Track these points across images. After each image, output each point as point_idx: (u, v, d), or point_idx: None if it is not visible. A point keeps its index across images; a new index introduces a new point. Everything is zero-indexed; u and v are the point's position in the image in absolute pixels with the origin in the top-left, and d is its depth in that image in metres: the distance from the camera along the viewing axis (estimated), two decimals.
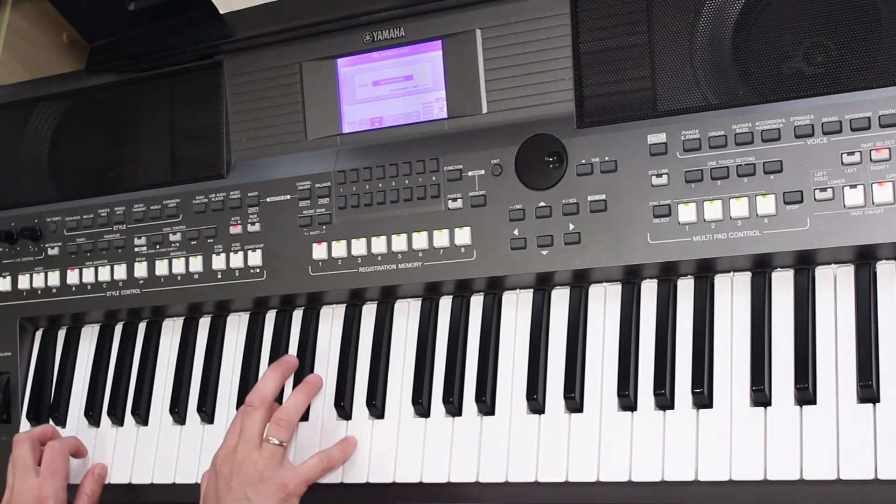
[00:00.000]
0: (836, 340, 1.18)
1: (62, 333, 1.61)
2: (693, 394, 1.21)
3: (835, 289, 1.20)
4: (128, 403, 1.53)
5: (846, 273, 1.20)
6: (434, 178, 1.37)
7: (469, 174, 1.36)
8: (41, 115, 1.63)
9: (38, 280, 1.59)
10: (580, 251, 1.29)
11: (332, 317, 1.44)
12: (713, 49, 1.26)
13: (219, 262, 1.48)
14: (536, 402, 1.28)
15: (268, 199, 1.46)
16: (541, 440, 1.27)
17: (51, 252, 1.59)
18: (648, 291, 1.28)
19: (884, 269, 1.18)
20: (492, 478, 1.28)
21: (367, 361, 1.39)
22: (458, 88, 1.39)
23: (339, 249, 1.41)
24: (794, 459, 1.15)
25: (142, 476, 1.48)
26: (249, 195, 1.47)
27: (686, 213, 1.24)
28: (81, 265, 1.57)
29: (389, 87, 1.43)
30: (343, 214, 1.42)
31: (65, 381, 1.58)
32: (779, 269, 1.23)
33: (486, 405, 1.31)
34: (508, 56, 1.36)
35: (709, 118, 1.24)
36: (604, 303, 1.30)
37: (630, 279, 1.29)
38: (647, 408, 1.23)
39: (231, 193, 1.48)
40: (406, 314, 1.40)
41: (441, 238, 1.35)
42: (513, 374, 1.31)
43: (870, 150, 1.17)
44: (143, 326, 1.56)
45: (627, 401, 1.24)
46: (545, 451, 1.26)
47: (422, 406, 1.34)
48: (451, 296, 1.37)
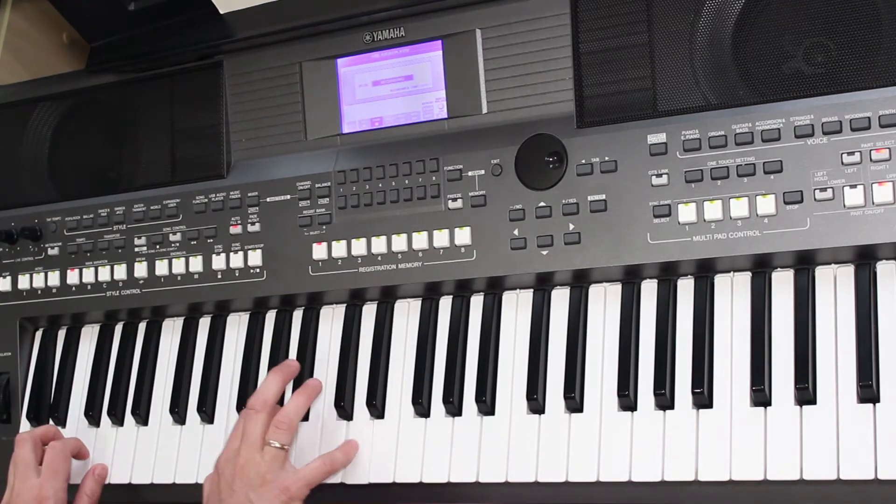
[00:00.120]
0: (836, 340, 1.18)
1: (62, 333, 1.61)
2: (693, 394, 1.21)
3: (835, 289, 1.20)
4: (128, 403, 1.53)
5: (846, 273, 1.20)
6: (434, 178, 1.37)
7: (469, 174, 1.35)
8: (41, 115, 1.63)
9: (38, 280, 1.59)
10: (580, 251, 1.29)
11: (332, 317, 1.44)
12: (713, 49, 1.26)
13: (219, 262, 1.48)
14: (536, 402, 1.28)
15: (268, 199, 1.46)
16: (541, 440, 1.27)
17: (51, 252, 1.59)
18: (648, 291, 1.28)
19: (884, 269, 1.18)
20: (492, 478, 1.28)
21: (367, 361, 1.39)
22: (458, 88, 1.38)
23: (339, 249, 1.41)
24: (794, 459, 1.15)
25: (142, 476, 1.48)
26: (249, 195, 1.47)
27: (686, 213, 1.24)
28: (81, 265, 1.57)
29: (389, 87, 1.43)
30: (343, 214, 1.42)
31: (65, 381, 1.58)
32: (779, 269, 1.23)
33: (486, 405, 1.31)
34: (508, 56, 1.36)
35: (709, 118, 1.24)
36: (604, 303, 1.30)
37: (630, 279, 1.29)
38: (647, 408, 1.23)
39: (231, 193, 1.48)
40: (406, 314, 1.40)
41: (441, 238, 1.35)
42: (513, 374, 1.31)
43: (870, 150, 1.17)
44: (143, 326, 1.56)
45: (627, 401, 1.24)
46: (545, 451, 1.26)
47: (422, 406, 1.34)
48: (451, 296, 1.37)
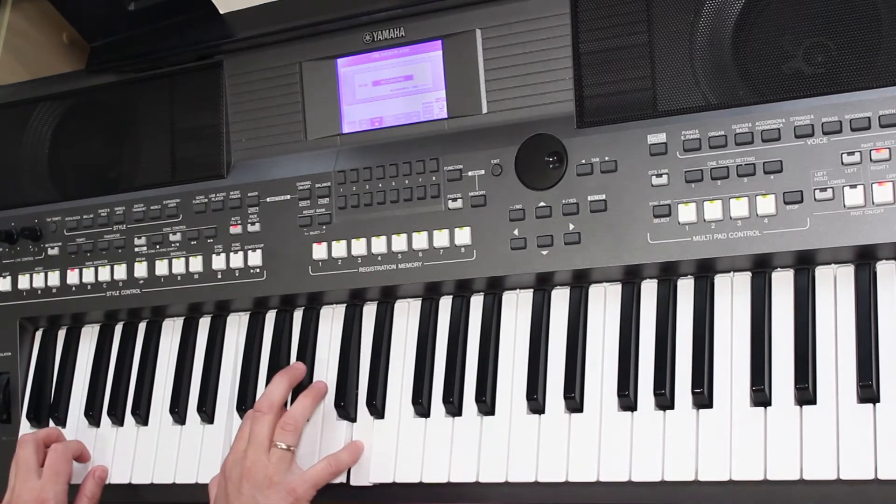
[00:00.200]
0: (836, 340, 1.18)
1: (62, 333, 1.61)
2: (693, 394, 1.21)
3: (835, 289, 1.20)
4: (128, 403, 1.53)
5: (846, 273, 1.20)
6: (434, 178, 1.37)
7: (469, 174, 1.35)
8: (41, 115, 1.63)
9: (38, 280, 1.59)
10: (580, 251, 1.29)
11: (333, 317, 1.44)
12: (713, 49, 1.25)
13: (219, 262, 1.48)
14: (536, 402, 1.28)
15: (268, 199, 1.46)
16: (541, 440, 1.27)
17: (51, 252, 1.59)
18: (648, 291, 1.28)
19: (884, 269, 1.18)
20: (492, 478, 1.28)
21: (368, 361, 1.39)
22: (458, 88, 1.38)
23: (339, 249, 1.41)
24: (794, 459, 1.15)
25: (142, 476, 1.48)
26: (249, 195, 1.47)
27: (686, 213, 1.24)
28: (81, 265, 1.57)
29: (389, 87, 1.43)
30: (343, 214, 1.42)
31: (65, 381, 1.58)
32: (779, 269, 1.23)
33: (486, 405, 1.31)
34: (508, 56, 1.36)
35: (709, 118, 1.24)
36: (604, 303, 1.30)
37: (630, 279, 1.29)
38: (647, 408, 1.23)
39: (231, 193, 1.48)
40: (406, 314, 1.40)
41: (441, 238, 1.35)
42: (513, 374, 1.31)
43: (870, 150, 1.17)
44: (143, 326, 1.56)
45: (627, 401, 1.24)
46: (545, 451, 1.26)
47: (422, 406, 1.34)
48: (451, 296, 1.37)
